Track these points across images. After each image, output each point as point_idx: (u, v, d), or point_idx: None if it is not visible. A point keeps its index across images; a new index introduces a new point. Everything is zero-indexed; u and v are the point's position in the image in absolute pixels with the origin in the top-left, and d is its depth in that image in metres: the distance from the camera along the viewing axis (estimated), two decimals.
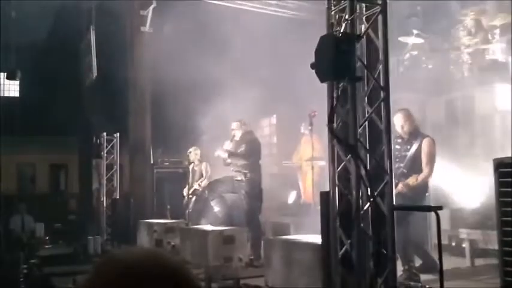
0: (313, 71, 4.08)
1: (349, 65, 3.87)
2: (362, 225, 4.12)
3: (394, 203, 4.37)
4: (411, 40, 10.28)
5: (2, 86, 18.45)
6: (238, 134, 8.34)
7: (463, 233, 7.62)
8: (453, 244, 7.97)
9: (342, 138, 4.21)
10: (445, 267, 6.23)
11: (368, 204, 4.15)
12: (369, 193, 4.13)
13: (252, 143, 8.20)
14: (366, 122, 4.35)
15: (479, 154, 8.50)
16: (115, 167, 12.64)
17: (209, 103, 10.22)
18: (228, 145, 8.34)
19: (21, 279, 7.98)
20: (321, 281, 4.57)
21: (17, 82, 17.84)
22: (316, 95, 4.78)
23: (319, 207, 4.66)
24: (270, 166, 12.67)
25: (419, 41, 10.27)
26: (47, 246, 11.47)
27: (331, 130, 4.18)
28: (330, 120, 4.15)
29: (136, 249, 0.85)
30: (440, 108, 9.82)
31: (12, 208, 13.06)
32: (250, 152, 8.09)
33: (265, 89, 10.85)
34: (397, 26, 9.09)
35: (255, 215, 7.93)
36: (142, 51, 11.90)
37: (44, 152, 17.22)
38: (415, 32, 10.14)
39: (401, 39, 10.15)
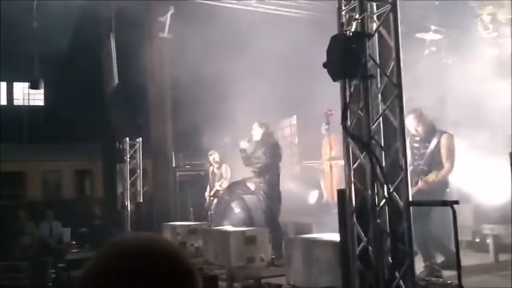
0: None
1: (360, 64, 3.91)
2: (379, 221, 4.15)
3: (413, 199, 4.40)
4: (429, 36, 10.22)
5: (26, 95, 18.86)
6: (257, 135, 8.39)
7: (487, 228, 7.56)
8: (477, 240, 7.91)
9: (356, 136, 4.25)
10: (468, 263, 6.24)
11: (384, 200, 4.18)
12: (385, 189, 4.16)
13: (272, 146, 8.23)
14: (381, 119, 4.39)
15: (500, 149, 8.42)
16: (138, 171, 12.82)
17: (229, 105, 10.31)
18: (244, 144, 8.39)
19: (50, 283, 8.20)
20: (341, 278, 4.61)
21: (41, 91, 18.22)
22: (336, 94, 4.81)
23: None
24: (291, 167, 12.71)
25: (437, 37, 10.21)
26: (74, 251, 11.70)
27: (345, 128, 4.23)
28: (344, 118, 4.20)
29: (140, 234, 0.92)
30: (460, 103, 9.75)
31: (40, 214, 13.35)
32: (270, 154, 8.14)
33: (285, 89, 10.91)
34: (414, 23, 9.06)
35: (274, 216, 7.99)
36: (162, 56, 12.06)
37: (68, 159, 17.55)
38: (432, 28, 10.09)
39: (418, 35, 10.11)
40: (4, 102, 19.24)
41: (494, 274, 6.44)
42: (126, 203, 12.61)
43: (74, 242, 12.20)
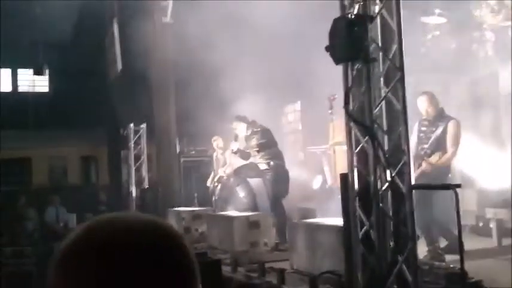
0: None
1: (362, 47, 3.90)
2: (381, 205, 4.16)
3: (416, 182, 4.40)
4: (433, 20, 10.15)
5: (31, 82, 18.89)
6: (242, 131, 8.36)
7: (490, 212, 7.56)
8: (480, 224, 7.92)
9: (358, 120, 4.25)
10: (472, 247, 6.25)
11: (386, 184, 4.19)
12: (387, 173, 4.16)
13: (263, 132, 8.20)
14: (383, 103, 4.37)
15: (504, 133, 8.39)
16: (143, 157, 12.86)
17: (233, 91, 10.29)
18: (235, 145, 8.38)
19: None
20: (344, 262, 4.63)
21: (46, 77, 18.23)
22: (340, 78, 4.79)
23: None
24: (295, 153, 12.71)
25: (442, 20, 10.13)
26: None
27: (347, 112, 4.23)
28: (346, 102, 4.20)
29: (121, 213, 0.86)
30: (465, 88, 9.71)
31: (45, 200, 13.44)
32: (265, 141, 8.11)
33: (288, 75, 10.86)
34: (418, 7, 8.98)
35: (279, 200, 8.00)
36: (165, 41, 12.02)
37: (74, 145, 17.60)
38: (437, 11, 10.01)
39: (423, 19, 10.03)
40: (9, 88, 19.26)
41: (497, 258, 6.46)
42: (131, 189, 12.67)
43: None
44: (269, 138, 8.14)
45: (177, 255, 0.80)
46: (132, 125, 12.88)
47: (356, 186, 4.38)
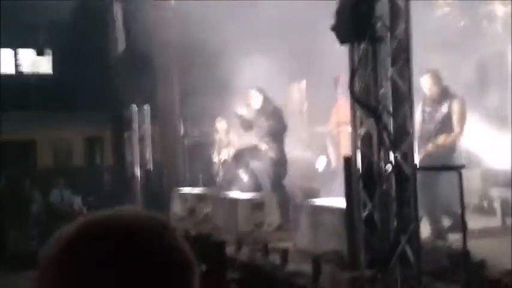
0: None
1: (369, 25, 3.84)
2: (384, 186, 4.15)
3: (421, 163, 4.38)
4: None
5: (34, 62, 18.81)
6: (257, 103, 8.31)
7: (495, 192, 7.54)
8: (484, 203, 7.91)
9: (363, 101, 4.21)
10: (475, 226, 6.24)
11: (390, 166, 4.17)
12: (391, 155, 4.14)
13: (274, 113, 8.16)
14: (389, 84, 4.33)
15: (510, 113, 8.34)
16: (146, 138, 12.85)
17: (237, 71, 10.23)
18: (242, 110, 8.34)
19: None
20: (346, 242, 4.64)
21: (49, 58, 18.14)
22: (346, 56, 4.72)
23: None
24: (300, 132, 12.68)
25: None
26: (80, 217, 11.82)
27: (352, 92, 4.19)
28: (351, 83, 4.16)
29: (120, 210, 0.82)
30: (473, 65, 9.60)
31: (50, 182, 13.48)
32: (273, 121, 8.08)
33: (294, 54, 10.76)
34: None
35: (280, 182, 8.01)
36: (168, 23, 11.92)
37: (78, 127, 17.58)
38: None
39: None
40: (12, 70, 19.20)
41: (501, 237, 6.44)
42: (135, 170, 12.69)
43: (85, 210, 12.34)
44: (278, 121, 8.10)
45: (175, 258, 0.78)
46: (135, 106, 12.85)
47: (359, 167, 4.36)
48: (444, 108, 6.31)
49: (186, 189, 10.63)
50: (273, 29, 10.11)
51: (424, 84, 6.30)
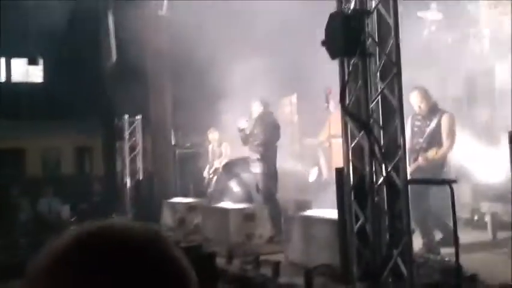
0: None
1: (359, 41, 3.88)
2: (376, 199, 4.16)
3: (411, 177, 4.40)
4: (430, 15, 10.14)
5: (25, 71, 18.74)
6: (256, 113, 8.35)
7: (485, 206, 7.59)
8: (475, 218, 7.95)
9: (354, 115, 4.24)
10: (466, 240, 6.27)
11: (382, 178, 4.19)
12: (383, 168, 4.16)
13: (270, 124, 8.18)
14: (379, 98, 4.37)
15: (499, 127, 8.41)
16: (138, 148, 12.83)
17: (229, 83, 10.26)
18: (243, 124, 8.36)
19: None
20: (339, 255, 4.65)
21: (40, 68, 18.09)
22: (337, 72, 4.76)
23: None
24: (291, 145, 12.71)
25: (438, 15, 10.12)
26: (72, 228, 11.73)
27: (343, 107, 4.22)
28: (342, 97, 4.19)
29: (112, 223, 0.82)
30: (460, 82, 9.71)
31: (39, 191, 13.38)
32: (268, 132, 8.10)
33: (285, 67, 10.82)
34: (415, 2, 8.96)
35: (272, 194, 8.00)
36: (160, 34, 11.96)
37: (68, 136, 17.51)
38: (433, 6, 9.99)
39: (420, 14, 10.02)
40: (2, 78, 19.11)
41: (492, 251, 6.49)
42: (126, 180, 12.64)
43: (73, 219, 12.25)
44: (272, 132, 8.10)
45: (171, 266, 0.79)
46: (127, 116, 12.83)
47: (351, 180, 4.38)
48: (433, 123, 6.37)
49: (177, 200, 10.60)
50: (265, 41, 10.17)
51: (412, 101, 6.36)
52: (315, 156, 11.15)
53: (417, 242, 5.77)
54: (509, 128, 5.91)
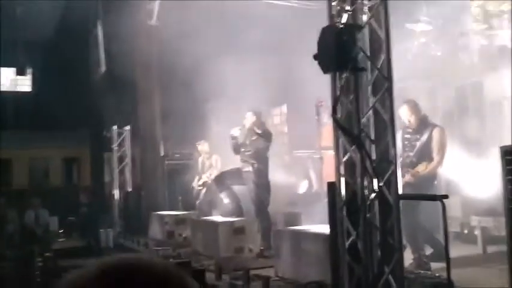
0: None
1: (351, 56, 3.86)
2: (368, 215, 4.12)
3: (402, 192, 4.37)
4: (419, 27, 10.19)
5: (13, 81, 18.58)
6: (248, 124, 8.30)
7: (475, 220, 7.59)
8: (465, 231, 7.94)
9: (346, 129, 4.21)
10: (456, 254, 6.25)
11: (374, 194, 4.15)
12: (375, 183, 4.13)
13: (263, 135, 8.13)
14: (371, 113, 4.34)
15: (489, 141, 8.44)
16: (126, 160, 12.73)
17: (219, 94, 10.23)
18: (236, 132, 8.32)
19: (36, 273, 8.11)
20: (330, 271, 4.59)
21: (28, 77, 17.96)
22: (326, 82, 4.75)
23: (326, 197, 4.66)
24: (280, 156, 12.68)
25: (427, 27, 10.17)
26: (60, 240, 11.61)
27: (335, 121, 4.19)
28: (334, 111, 4.16)
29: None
30: (450, 95, 9.76)
31: (26, 202, 13.22)
32: (260, 143, 8.05)
33: (275, 78, 10.82)
34: (404, 13, 9.00)
35: (264, 206, 7.94)
36: (150, 44, 11.92)
37: (56, 146, 17.36)
38: (422, 18, 10.05)
39: (409, 26, 10.06)
40: None
41: (483, 266, 6.47)
42: (114, 192, 12.52)
43: (61, 231, 12.10)
44: (264, 144, 8.05)
45: None
46: (115, 127, 12.74)
47: (343, 195, 4.34)
48: (424, 137, 6.37)
49: (165, 212, 10.50)
50: (256, 51, 10.15)
51: (402, 115, 6.36)
52: (305, 168, 11.13)
53: (407, 257, 5.75)
54: (499, 141, 5.93)
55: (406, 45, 10.14)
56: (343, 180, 4.35)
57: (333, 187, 4.45)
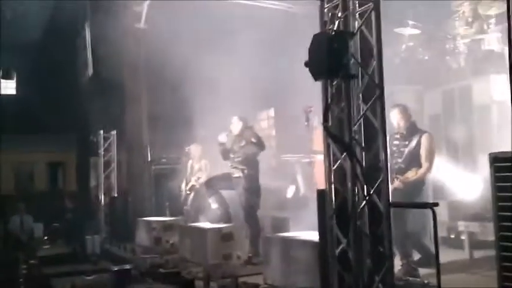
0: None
1: (342, 63, 3.84)
2: (358, 223, 4.10)
3: (391, 198, 4.35)
4: (407, 31, 10.23)
5: None
6: (236, 129, 8.24)
7: (462, 225, 7.61)
8: (452, 236, 7.97)
9: (337, 136, 4.18)
10: (443, 259, 6.22)
11: (364, 202, 4.13)
12: (365, 191, 4.10)
13: (252, 138, 8.06)
14: (361, 120, 4.32)
15: (476, 145, 8.49)
16: (113, 164, 12.62)
17: (206, 98, 10.17)
18: (223, 138, 8.26)
19: (21, 280, 7.99)
20: (319, 279, 4.55)
21: (14, 80, 17.73)
22: (316, 88, 4.72)
23: (315, 203, 4.62)
24: (268, 160, 12.64)
25: (415, 31, 10.22)
26: (45, 247, 11.46)
27: (325, 128, 4.16)
28: (325, 119, 4.13)
29: None
30: (438, 99, 9.81)
31: (10, 208, 13.04)
32: (249, 148, 7.99)
33: (263, 81, 10.80)
34: (392, 17, 9.03)
35: (253, 211, 7.89)
36: (138, 47, 11.84)
37: (41, 151, 17.19)
38: (410, 22, 10.09)
39: (397, 30, 10.10)
40: None
41: (470, 271, 6.48)
42: (100, 197, 12.39)
43: (46, 238, 11.95)
44: (254, 149, 7.99)
45: None
46: (102, 131, 12.62)
47: (333, 202, 4.31)
48: (412, 144, 6.38)
49: (152, 218, 10.40)
50: (244, 55, 10.12)
51: (392, 119, 6.39)
52: (292, 172, 11.09)
53: (396, 263, 5.73)
54: (487, 146, 5.96)
55: (394, 49, 10.18)
56: (333, 187, 4.32)
57: (323, 194, 4.42)
